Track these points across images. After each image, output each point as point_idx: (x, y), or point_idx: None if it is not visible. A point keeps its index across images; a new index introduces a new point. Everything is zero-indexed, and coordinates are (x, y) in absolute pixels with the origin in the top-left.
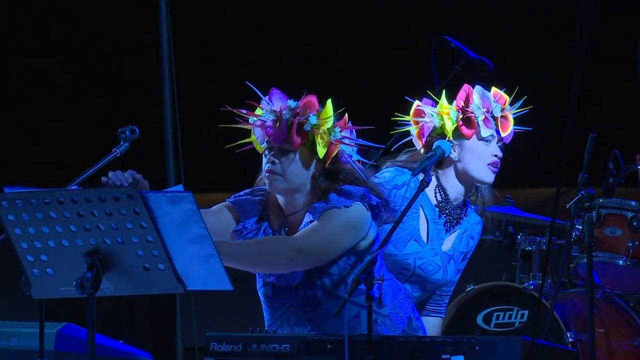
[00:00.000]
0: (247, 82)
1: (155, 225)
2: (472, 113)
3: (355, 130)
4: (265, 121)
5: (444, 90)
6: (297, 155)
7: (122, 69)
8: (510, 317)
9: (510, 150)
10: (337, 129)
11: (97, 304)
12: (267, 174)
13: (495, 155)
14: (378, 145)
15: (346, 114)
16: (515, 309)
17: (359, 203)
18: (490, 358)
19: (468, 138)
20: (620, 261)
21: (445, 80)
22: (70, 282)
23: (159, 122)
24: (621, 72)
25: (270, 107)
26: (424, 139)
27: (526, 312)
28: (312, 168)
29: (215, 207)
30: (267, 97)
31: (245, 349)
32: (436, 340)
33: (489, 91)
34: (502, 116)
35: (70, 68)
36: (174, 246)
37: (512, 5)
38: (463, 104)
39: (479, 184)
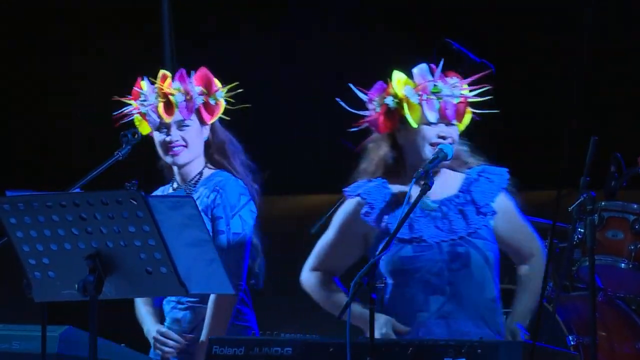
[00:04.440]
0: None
1: (158, 229)
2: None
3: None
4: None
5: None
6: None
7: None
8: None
9: (511, 153)
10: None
11: (99, 307)
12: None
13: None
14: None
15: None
16: None
17: None
18: None
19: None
20: (623, 264)
21: None
22: (72, 285)
23: None
24: (623, 73)
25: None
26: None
27: None
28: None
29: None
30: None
31: (248, 352)
32: (438, 344)
33: None
34: (204, 103)
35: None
36: (176, 250)
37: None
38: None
39: None
